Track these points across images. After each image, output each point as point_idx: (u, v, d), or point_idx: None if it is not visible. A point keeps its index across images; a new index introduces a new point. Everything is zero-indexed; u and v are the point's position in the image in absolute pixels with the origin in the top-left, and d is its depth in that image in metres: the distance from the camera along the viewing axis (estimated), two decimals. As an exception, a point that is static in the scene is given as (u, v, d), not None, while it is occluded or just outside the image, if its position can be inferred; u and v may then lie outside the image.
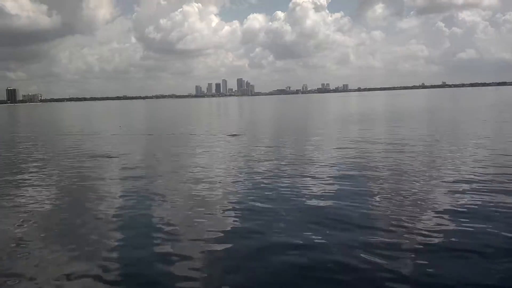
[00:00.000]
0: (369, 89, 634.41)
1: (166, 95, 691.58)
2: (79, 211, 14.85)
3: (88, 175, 21.60)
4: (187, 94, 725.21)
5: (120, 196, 16.99)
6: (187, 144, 34.46)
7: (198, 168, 22.92)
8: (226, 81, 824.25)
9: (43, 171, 23.41)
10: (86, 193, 17.81)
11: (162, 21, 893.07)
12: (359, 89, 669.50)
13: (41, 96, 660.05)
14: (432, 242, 11.03)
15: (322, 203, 15.01)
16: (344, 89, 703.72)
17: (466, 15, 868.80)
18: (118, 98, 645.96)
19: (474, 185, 16.93)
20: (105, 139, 42.06)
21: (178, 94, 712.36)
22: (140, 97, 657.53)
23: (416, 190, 16.51)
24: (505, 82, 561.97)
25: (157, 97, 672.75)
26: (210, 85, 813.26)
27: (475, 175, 18.76)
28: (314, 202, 15.22)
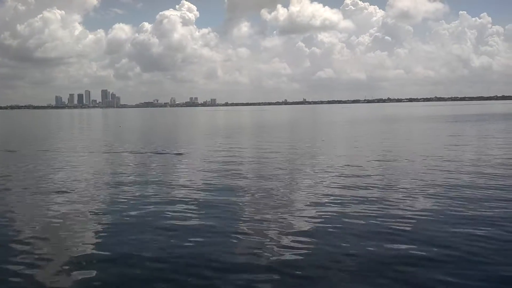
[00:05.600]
0: (236, 104, 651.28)
1: (22, 106, 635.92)
2: None
3: None
4: (46, 105, 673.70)
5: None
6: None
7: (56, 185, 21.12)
8: (89, 92, 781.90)
9: None
10: None
11: (20, 27, 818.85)
12: (226, 104, 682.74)
13: None
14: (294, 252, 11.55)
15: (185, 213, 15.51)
16: (212, 103, 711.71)
17: (324, 36, 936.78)
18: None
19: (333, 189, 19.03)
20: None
21: (36, 104, 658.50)
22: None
23: (279, 195, 18.19)
24: (359, 100, 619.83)
25: (12, 107, 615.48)
26: (72, 95, 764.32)
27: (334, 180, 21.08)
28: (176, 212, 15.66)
